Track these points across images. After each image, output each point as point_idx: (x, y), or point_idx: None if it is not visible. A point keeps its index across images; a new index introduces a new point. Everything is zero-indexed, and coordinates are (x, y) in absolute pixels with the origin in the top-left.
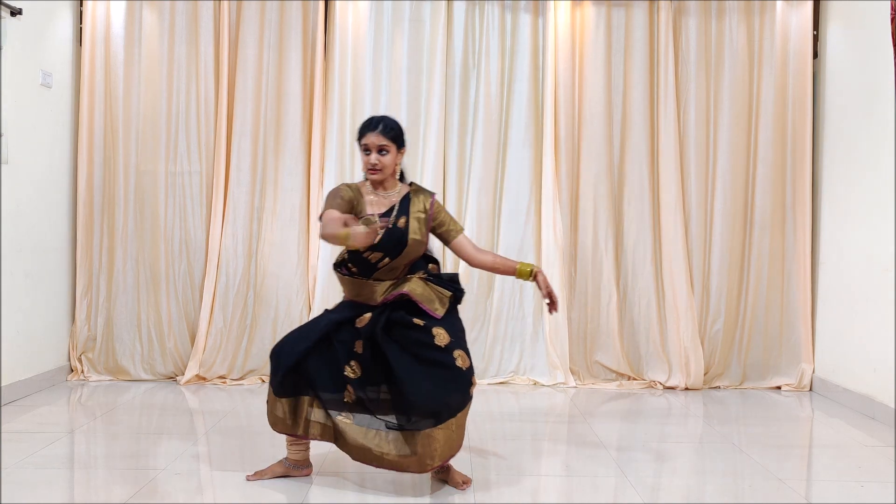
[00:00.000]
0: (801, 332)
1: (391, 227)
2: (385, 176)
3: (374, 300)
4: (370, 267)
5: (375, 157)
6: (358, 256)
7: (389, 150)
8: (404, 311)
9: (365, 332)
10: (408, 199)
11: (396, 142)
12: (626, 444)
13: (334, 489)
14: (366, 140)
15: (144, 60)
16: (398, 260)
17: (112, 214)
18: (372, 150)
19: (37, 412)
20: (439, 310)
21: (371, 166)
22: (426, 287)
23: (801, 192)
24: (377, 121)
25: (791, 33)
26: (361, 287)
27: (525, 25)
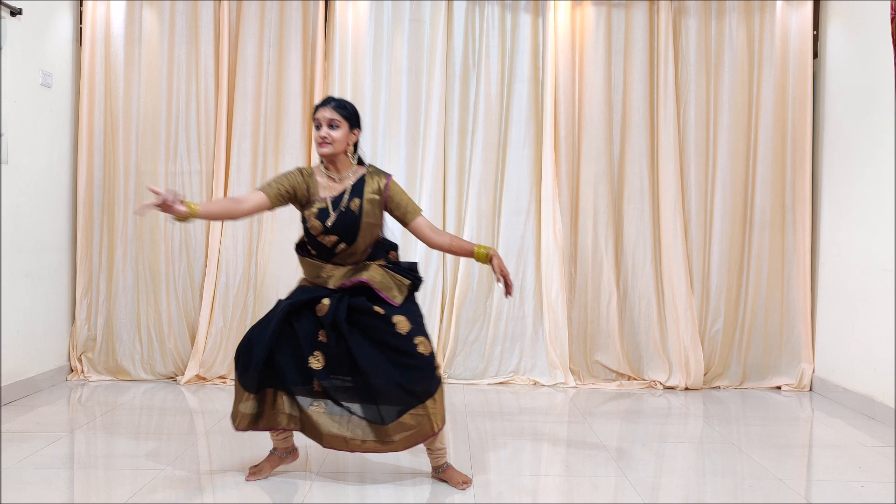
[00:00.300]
0: (801, 332)
1: (344, 211)
2: (335, 151)
3: (331, 284)
4: (328, 251)
5: (325, 131)
6: (314, 241)
7: (340, 126)
8: (364, 297)
9: (326, 320)
10: (362, 181)
11: (349, 120)
12: (626, 444)
13: (334, 489)
14: (317, 115)
15: (144, 60)
16: (355, 245)
17: (112, 214)
18: (322, 125)
19: (37, 412)
20: (397, 297)
21: (321, 139)
22: (385, 275)
23: (801, 192)
24: (330, 98)
25: (791, 33)
26: (320, 270)
27: (525, 25)
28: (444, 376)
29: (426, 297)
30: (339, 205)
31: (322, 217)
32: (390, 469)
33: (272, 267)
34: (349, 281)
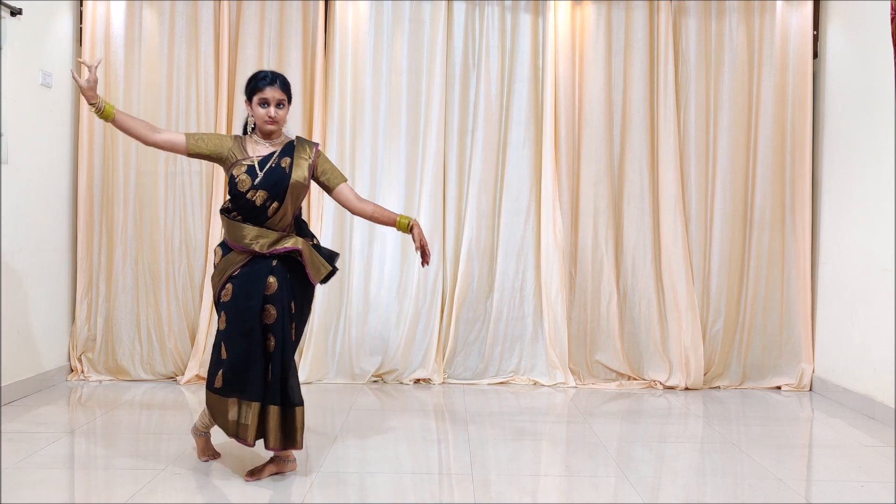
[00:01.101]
0: (801, 332)
1: (273, 167)
2: (279, 128)
3: (257, 247)
4: (257, 212)
5: (274, 111)
6: (243, 199)
7: (285, 105)
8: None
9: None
10: (291, 145)
11: (290, 99)
12: (626, 444)
13: (334, 489)
14: (266, 94)
15: (144, 60)
16: (285, 204)
17: (112, 214)
18: (271, 104)
19: (37, 412)
20: (317, 278)
21: (270, 118)
22: (312, 253)
23: (801, 192)
24: (273, 76)
25: (791, 33)
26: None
27: (525, 25)
28: (445, 375)
29: (426, 297)
30: (267, 162)
31: (251, 172)
32: (390, 469)
33: None
34: (281, 247)
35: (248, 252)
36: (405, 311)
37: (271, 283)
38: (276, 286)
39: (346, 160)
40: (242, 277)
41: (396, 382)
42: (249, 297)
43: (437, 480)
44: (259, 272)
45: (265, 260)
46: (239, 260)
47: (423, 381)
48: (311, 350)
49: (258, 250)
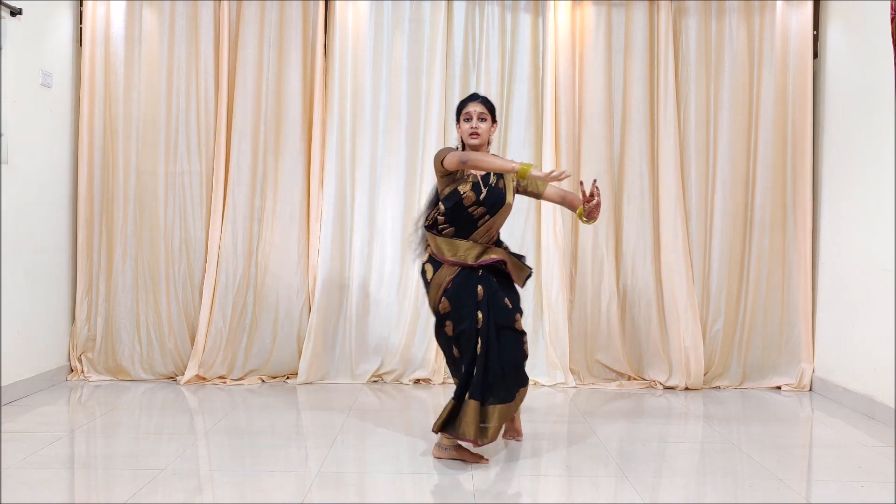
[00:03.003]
0: (801, 332)
1: (493, 187)
2: (482, 142)
3: (468, 261)
4: (470, 224)
5: (476, 123)
6: (462, 213)
7: (486, 119)
8: (496, 279)
9: (483, 305)
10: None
11: (492, 114)
12: (626, 444)
13: (334, 489)
14: (468, 109)
15: (144, 60)
16: (495, 219)
17: (112, 214)
18: (473, 117)
19: (37, 412)
20: (519, 282)
21: (472, 130)
22: (512, 259)
23: (801, 192)
24: (476, 94)
25: (791, 33)
26: (458, 247)
27: (525, 25)
28: (444, 376)
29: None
30: (488, 182)
31: (476, 189)
32: (390, 469)
33: (272, 267)
34: (488, 259)
35: (459, 265)
36: (405, 311)
37: (479, 291)
38: (482, 294)
39: (346, 160)
40: (456, 288)
41: (396, 382)
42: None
43: (437, 480)
44: (469, 284)
45: (473, 271)
46: (449, 273)
47: (423, 381)
48: (310, 350)
49: (469, 262)
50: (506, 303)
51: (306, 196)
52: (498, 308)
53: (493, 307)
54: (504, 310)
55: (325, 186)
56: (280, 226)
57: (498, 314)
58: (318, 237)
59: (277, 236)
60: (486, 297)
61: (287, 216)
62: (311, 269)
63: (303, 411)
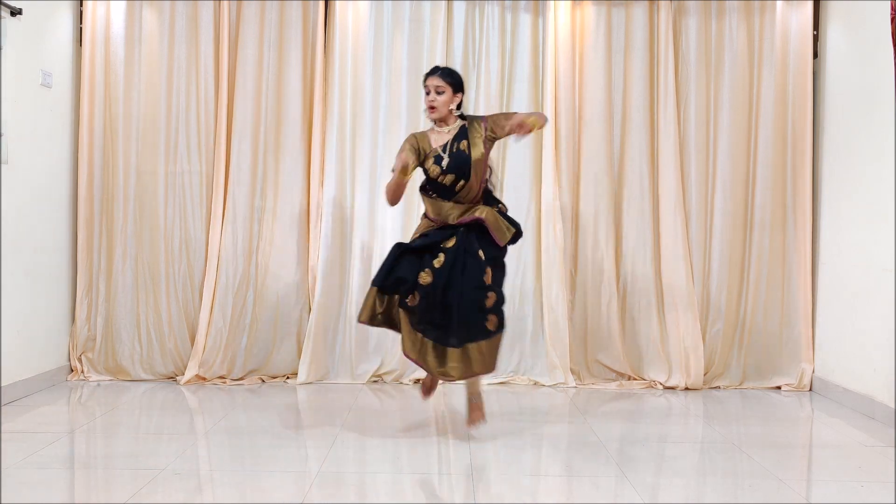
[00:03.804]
0: (801, 332)
1: (454, 152)
2: (441, 115)
3: (450, 220)
4: (448, 191)
5: (433, 96)
6: (436, 184)
7: (444, 91)
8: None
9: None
10: (464, 129)
11: (453, 86)
12: (626, 444)
13: (334, 489)
14: (426, 83)
15: (144, 60)
16: (471, 181)
17: (112, 214)
18: (430, 91)
19: (37, 412)
20: (503, 239)
21: (428, 104)
22: (497, 217)
23: (801, 192)
24: (437, 68)
25: (791, 33)
26: (441, 207)
27: (525, 25)
28: None
29: None
30: (447, 149)
31: (438, 161)
32: (390, 469)
33: (272, 267)
34: (468, 217)
35: (443, 223)
36: None
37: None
38: (453, 244)
39: (346, 160)
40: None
41: (396, 382)
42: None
43: (437, 480)
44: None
45: (454, 227)
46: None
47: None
48: (310, 350)
49: (451, 222)
50: (480, 254)
51: (306, 196)
52: (467, 257)
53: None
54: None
55: (325, 186)
56: (280, 226)
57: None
58: (318, 237)
59: (277, 236)
60: (456, 246)
61: (287, 216)
62: (311, 269)
63: (303, 411)
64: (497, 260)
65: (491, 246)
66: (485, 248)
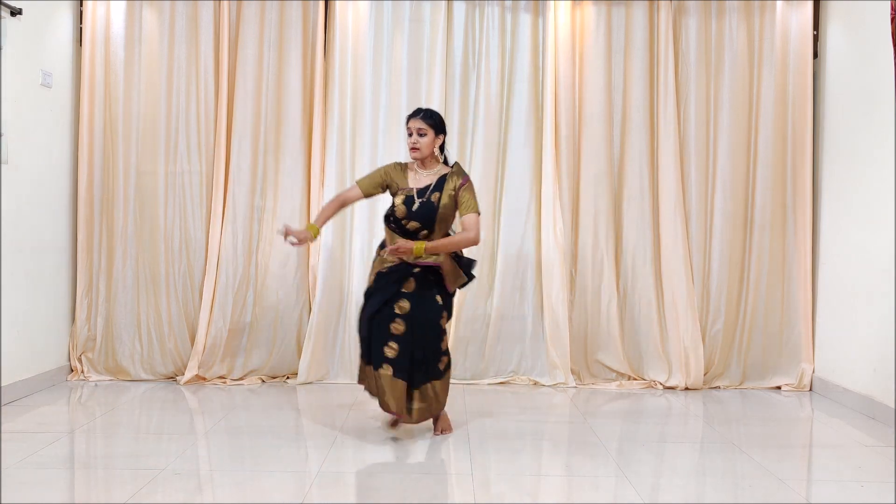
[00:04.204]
0: (801, 332)
1: (426, 202)
2: (424, 155)
3: (409, 259)
4: (410, 236)
5: (415, 138)
6: (399, 223)
7: (426, 134)
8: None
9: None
10: (444, 179)
11: (435, 128)
12: (626, 444)
13: (334, 489)
14: (409, 125)
15: (144, 60)
16: (435, 232)
17: (112, 214)
18: (413, 133)
19: (37, 412)
20: (452, 287)
21: (411, 146)
22: (454, 267)
23: (801, 192)
24: (419, 110)
25: (791, 33)
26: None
27: (525, 25)
28: None
29: None
30: (423, 195)
31: (409, 203)
32: (390, 469)
33: (272, 267)
34: (424, 262)
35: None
36: None
37: (410, 286)
38: (413, 288)
39: (346, 160)
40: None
41: None
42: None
43: (437, 480)
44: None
45: (409, 267)
46: (390, 261)
47: None
48: (310, 350)
49: (408, 260)
50: (437, 299)
51: (306, 196)
52: (427, 304)
53: (420, 299)
54: (434, 306)
55: (325, 186)
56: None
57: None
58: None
59: (277, 236)
60: (416, 291)
61: (287, 216)
62: (312, 269)
63: (303, 411)
64: (450, 304)
65: (446, 291)
66: (442, 293)
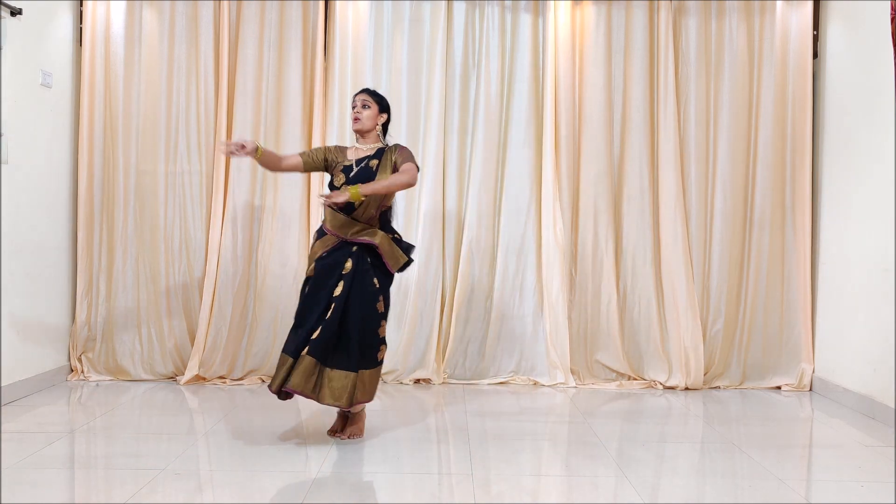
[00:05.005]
0: (801, 332)
1: (364, 167)
2: (364, 127)
3: (345, 235)
4: (347, 205)
5: (358, 109)
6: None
7: (370, 106)
8: (371, 262)
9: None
10: (383, 151)
11: (379, 103)
12: (626, 444)
13: (334, 489)
14: (354, 99)
15: (144, 60)
16: (368, 199)
17: (112, 214)
18: (357, 105)
19: (37, 412)
20: (394, 266)
21: (354, 116)
22: (391, 244)
23: (801, 192)
24: (366, 89)
25: (791, 33)
26: (338, 219)
27: (525, 25)
28: (445, 375)
29: (426, 297)
30: (361, 163)
31: (347, 171)
32: (390, 469)
33: (272, 267)
34: (362, 238)
35: (337, 237)
36: (405, 311)
37: (347, 266)
38: (350, 268)
39: None
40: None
41: (396, 382)
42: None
43: (437, 480)
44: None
45: (347, 245)
46: (330, 243)
47: (423, 381)
48: None
49: (346, 237)
50: (374, 282)
51: (306, 196)
52: (364, 284)
53: (357, 282)
54: (370, 289)
55: (325, 186)
56: (280, 226)
57: (362, 290)
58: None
59: (277, 236)
60: (353, 272)
61: (287, 216)
62: None
63: (303, 411)
64: (387, 289)
65: (383, 274)
66: (379, 276)
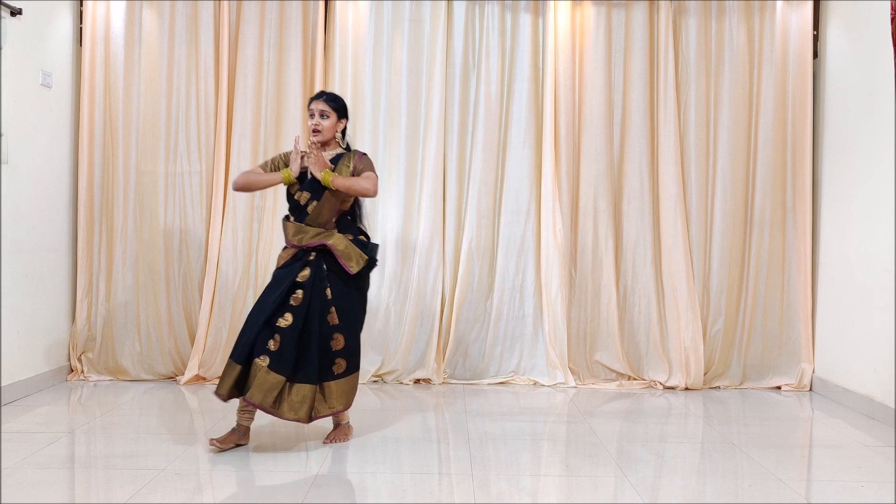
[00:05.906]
0: (801, 332)
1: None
2: (325, 138)
3: (301, 242)
4: (301, 210)
5: (317, 120)
6: (291, 199)
7: (329, 116)
8: (328, 269)
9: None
10: (339, 157)
11: (337, 111)
12: (626, 444)
13: (334, 489)
14: (311, 107)
15: (144, 60)
16: (321, 204)
17: (112, 214)
18: (315, 114)
19: (37, 412)
20: (353, 267)
21: (313, 127)
22: (348, 245)
23: (801, 192)
24: (322, 93)
25: (791, 33)
26: (296, 230)
27: (525, 25)
28: (445, 375)
29: (426, 297)
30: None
31: (301, 178)
32: (390, 469)
33: (272, 267)
34: (315, 241)
35: (294, 247)
36: (405, 311)
37: (304, 273)
38: (308, 275)
39: None
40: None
41: (396, 382)
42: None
43: (437, 480)
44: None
45: (305, 254)
46: (288, 255)
47: (423, 381)
48: None
49: (297, 244)
50: (326, 293)
51: None
52: (320, 295)
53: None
54: (322, 299)
55: None
56: (280, 226)
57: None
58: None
59: (277, 236)
60: (311, 280)
61: None
62: None
63: None
64: (347, 298)
65: (342, 280)
66: (333, 283)
